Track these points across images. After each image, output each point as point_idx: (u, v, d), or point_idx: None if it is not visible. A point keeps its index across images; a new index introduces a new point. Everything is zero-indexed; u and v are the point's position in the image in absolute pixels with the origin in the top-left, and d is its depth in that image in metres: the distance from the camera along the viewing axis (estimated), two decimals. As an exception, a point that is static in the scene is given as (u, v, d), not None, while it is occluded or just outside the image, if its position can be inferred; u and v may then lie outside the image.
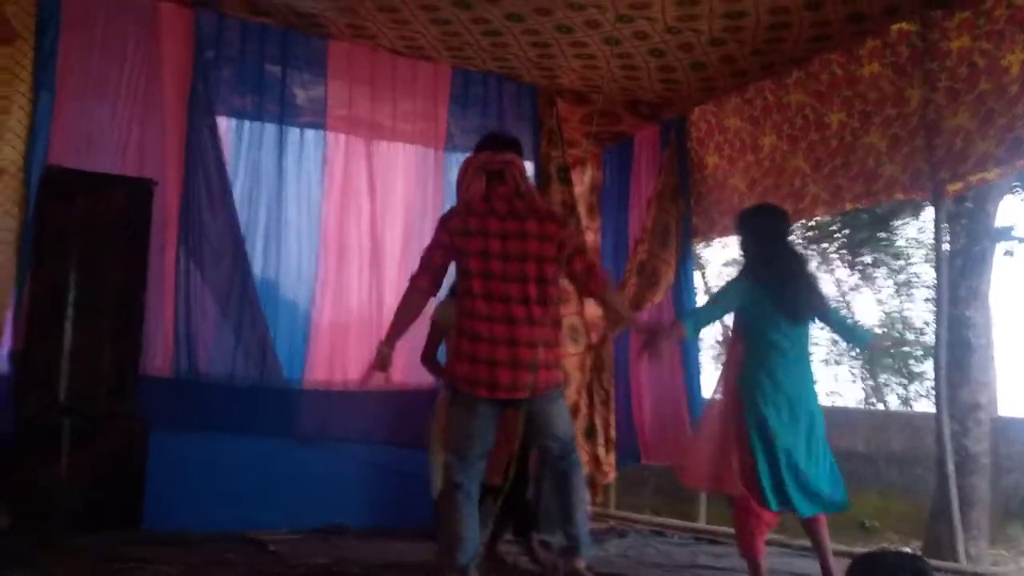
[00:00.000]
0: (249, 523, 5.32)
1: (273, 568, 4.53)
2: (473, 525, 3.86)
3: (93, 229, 5.09)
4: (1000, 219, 9.27)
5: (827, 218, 12.10)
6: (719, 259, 16.62)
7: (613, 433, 6.86)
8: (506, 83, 6.63)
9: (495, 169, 4.03)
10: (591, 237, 7.46)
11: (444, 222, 4.06)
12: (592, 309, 6.61)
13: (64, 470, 4.84)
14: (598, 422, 6.57)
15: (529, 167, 6.80)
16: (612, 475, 6.96)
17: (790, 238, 4.61)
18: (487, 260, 3.89)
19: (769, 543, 6.01)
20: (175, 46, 5.64)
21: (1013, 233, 9.50)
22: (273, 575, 4.37)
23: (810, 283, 4.41)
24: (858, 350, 4.96)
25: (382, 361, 4.00)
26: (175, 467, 5.19)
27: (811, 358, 4.54)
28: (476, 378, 3.84)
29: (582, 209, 7.29)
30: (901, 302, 18.04)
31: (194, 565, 4.38)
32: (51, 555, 4.28)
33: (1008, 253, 9.68)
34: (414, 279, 4.02)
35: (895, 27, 5.41)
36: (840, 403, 17.87)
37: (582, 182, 7.64)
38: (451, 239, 3.96)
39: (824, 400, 17.88)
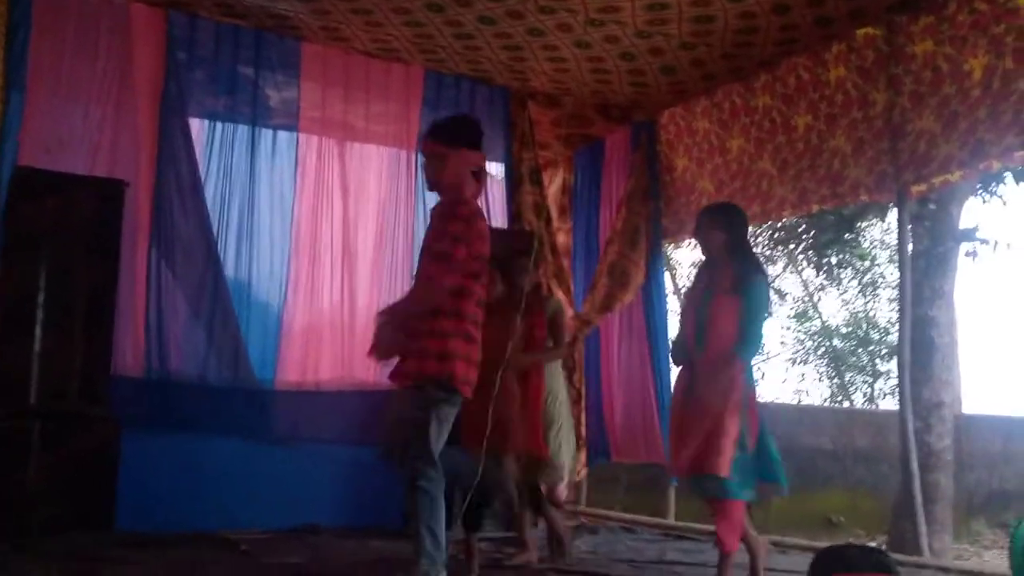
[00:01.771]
0: (222, 523, 5.31)
1: (247, 568, 4.54)
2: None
3: (64, 230, 5.08)
4: (964, 221, 9.45)
5: (794, 219, 12.24)
6: (689, 260, 16.74)
7: (584, 431, 6.93)
8: (478, 86, 6.66)
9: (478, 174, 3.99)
10: (562, 238, 7.52)
11: (473, 239, 3.81)
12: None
13: (35, 472, 4.82)
14: (570, 421, 6.62)
15: (500, 169, 6.88)
16: (583, 473, 7.04)
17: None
18: (482, 284, 3.90)
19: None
20: (147, 47, 5.62)
21: (976, 235, 9.67)
22: (247, 575, 4.39)
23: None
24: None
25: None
26: (147, 468, 5.19)
27: None
28: (469, 379, 3.80)
29: (553, 211, 7.35)
30: (866, 302, 18.29)
31: (167, 565, 4.38)
32: (24, 557, 4.27)
33: (970, 254, 9.84)
34: (440, 278, 3.75)
35: (861, 32, 5.50)
36: (806, 401, 18.10)
37: (553, 184, 7.70)
38: (469, 261, 3.79)
39: (791, 398, 18.13)
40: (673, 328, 6.07)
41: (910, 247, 7.18)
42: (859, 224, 12.75)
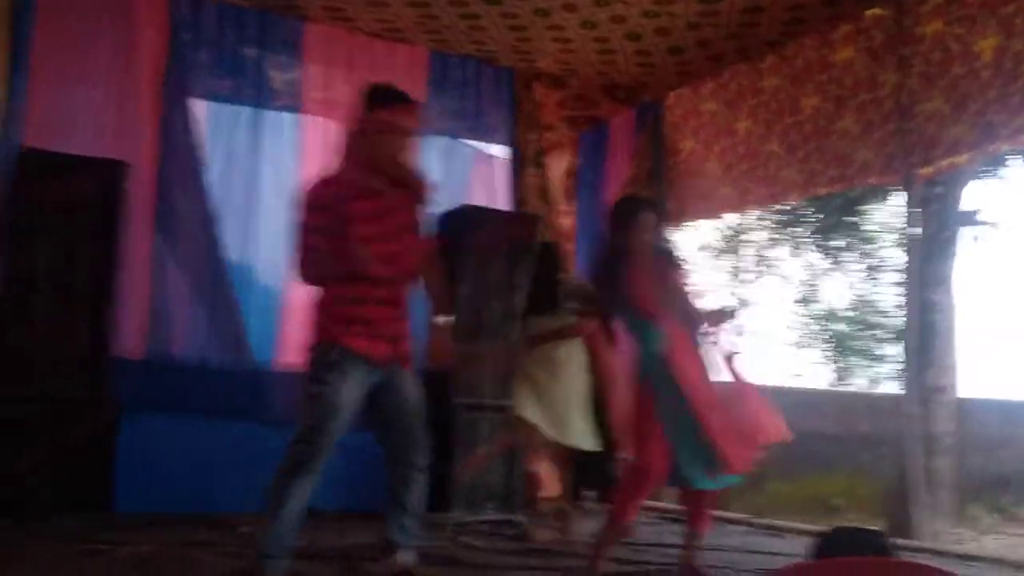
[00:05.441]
0: (220, 505, 5.29)
1: (245, 550, 4.53)
2: None
3: (67, 211, 5.08)
4: (964, 203, 9.38)
5: (800, 202, 12.17)
6: (693, 243, 16.64)
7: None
8: (483, 66, 6.63)
9: None
10: (567, 221, 7.48)
11: None
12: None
13: (36, 453, 4.82)
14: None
15: (506, 151, 6.84)
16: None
17: None
18: None
19: (733, 522, 6.13)
20: (151, 28, 5.60)
21: (979, 217, 9.61)
22: (245, 556, 4.36)
23: None
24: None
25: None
26: (147, 449, 5.20)
27: None
28: None
29: (558, 193, 7.31)
30: (872, 286, 18.25)
31: (165, 547, 4.36)
32: (23, 537, 4.26)
33: (976, 238, 9.80)
34: None
35: (869, 12, 5.44)
36: (808, 385, 18.07)
37: (558, 166, 7.65)
38: None
39: (793, 381, 18.07)
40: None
41: (919, 231, 7.15)
42: (864, 207, 12.69)
